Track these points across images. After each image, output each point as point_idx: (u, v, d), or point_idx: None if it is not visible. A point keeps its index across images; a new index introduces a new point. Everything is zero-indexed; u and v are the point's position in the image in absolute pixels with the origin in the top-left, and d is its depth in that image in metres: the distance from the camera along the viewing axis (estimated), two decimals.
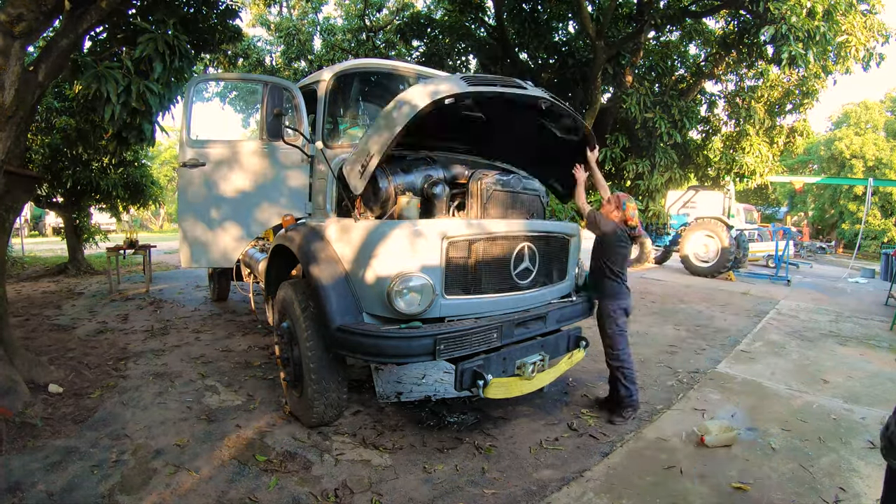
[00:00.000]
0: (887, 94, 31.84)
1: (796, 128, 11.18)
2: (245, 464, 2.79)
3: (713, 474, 2.84)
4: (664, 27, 9.23)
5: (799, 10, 6.29)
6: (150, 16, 3.92)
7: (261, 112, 3.30)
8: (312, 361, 2.97)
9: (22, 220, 14.93)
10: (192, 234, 3.97)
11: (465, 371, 2.77)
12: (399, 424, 3.37)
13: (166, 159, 36.52)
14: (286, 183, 3.77)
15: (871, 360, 5.29)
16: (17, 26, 2.95)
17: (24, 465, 2.68)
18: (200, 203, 3.93)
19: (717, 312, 7.68)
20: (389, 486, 2.63)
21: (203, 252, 4.00)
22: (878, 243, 25.67)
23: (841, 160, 29.03)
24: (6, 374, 3.30)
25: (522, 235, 3.19)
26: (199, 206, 3.94)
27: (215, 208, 3.92)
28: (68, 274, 9.36)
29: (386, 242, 2.81)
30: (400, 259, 2.77)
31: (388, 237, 2.81)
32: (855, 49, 8.16)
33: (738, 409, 3.80)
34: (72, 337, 5.12)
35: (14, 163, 3.58)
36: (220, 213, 3.92)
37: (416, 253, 2.79)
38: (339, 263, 2.98)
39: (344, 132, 4.41)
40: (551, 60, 10.02)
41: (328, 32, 15.72)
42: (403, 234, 2.80)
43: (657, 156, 8.48)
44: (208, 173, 3.90)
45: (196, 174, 3.90)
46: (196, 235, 3.97)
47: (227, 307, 6.90)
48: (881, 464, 3.00)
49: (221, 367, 4.38)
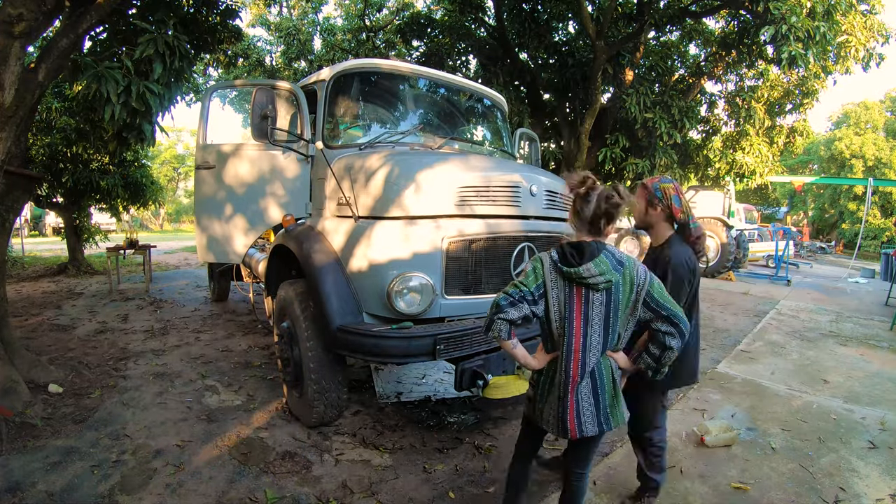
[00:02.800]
0: (887, 94, 31.85)
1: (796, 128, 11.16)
2: (245, 464, 2.79)
3: (713, 474, 2.84)
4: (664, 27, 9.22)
5: (799, 11, 6.28)
6: (150, 16, 3.92)
7: (250, 114, 3.33)
8: (312, 361, 2.97)
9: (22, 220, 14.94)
10: (204, 232, 4.23)
11: (465, 371, 2.77)
12: (399, 424, 3.37)
13: (166, 159, 36.57)
14: (288, 183, 3.79)
15: (871, 360, 5.29)
16: (17, 26, 2.94)
17: (24, 465, 2.68)
18: (209, 203, 4.15)
19: (717, 312, 7.68)
20: (389, 486, 2.64)
21: (212, 248, 4.25)
22: (878, 243, 25.67)
23: (841, 160, 29.04)
24: (6, 374, 3.30)
25: (522, 235, 3.19)
26: (208, 206, 4.17)
27: (222, 208, 4.09)
28: (68, 274, 9.36)
29: (386, 242, 2.81)
30: (400, 259, 2.77)
31: (388, 237, 2.81)
32: (855, 49, 8.15)
33: (738, 409, 3.80)
34: (72, 337, 5.12)
35: (14, 163, 3.57)
36: (226, 212, 4.10)
37: (416, 253, 2.79)
38: (339, 263, 2.98)
39: (344, 132, 4.41)
40: (551, 60, 10.01)
41: (328, 32, 15.70)
42: (403, 234, 2.80)
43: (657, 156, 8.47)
44: (218, 174, 4.09)
45: (208, 175, 4.12)
46: (207, 233, 4.22)
47: (227, 307, 6.90)
48: (881, 464, 3.01)
49: (221, 367, 4.38)
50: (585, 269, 1.72)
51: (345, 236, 3.01)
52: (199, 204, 4.23)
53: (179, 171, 39.24)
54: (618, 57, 8.90)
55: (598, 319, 1.78)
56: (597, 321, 1.78)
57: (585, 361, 1.80)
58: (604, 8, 9.05)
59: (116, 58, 3.71)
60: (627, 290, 1.77)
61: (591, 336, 1.79)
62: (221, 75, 14.01)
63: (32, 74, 3.22)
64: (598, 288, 1.75)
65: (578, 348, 1.79)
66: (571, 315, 1.78)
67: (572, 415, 1.82)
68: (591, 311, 1.77)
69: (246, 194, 3.97)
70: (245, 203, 3.99)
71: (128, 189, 8.96)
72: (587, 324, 1.78)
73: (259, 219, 3.95)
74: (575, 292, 1.77)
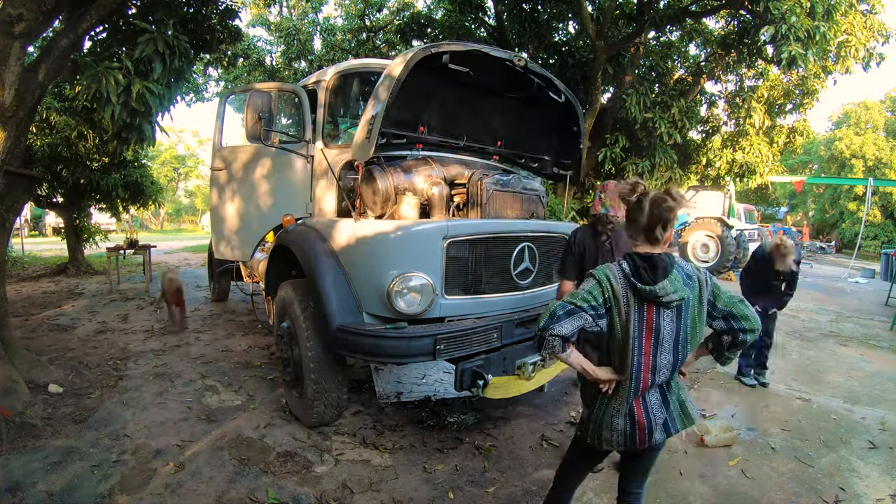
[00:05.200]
0: (887, 94, 31.84)
1: (796, 128, 11.16)
2: (245, 464, 2.79)
3: (713, 474, 2.84)
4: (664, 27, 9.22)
5: (799, 10, 6.28)
6: (150, 16, 3.92)
7: (245, 115, 3.34)
8: (312, 361, 2.96)
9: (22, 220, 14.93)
10: (217, 230, 4.64)
11: (465, 371, 2.77)
12: (399, 424, 3.37)
13: (166, 159, 36.54)
14: (290, 183, 3.80)
15: (871, 360, 5.29)
16: (17, 26, 2.94)
17: (24, 465, 2.68)
18: (220, 203, 4.52)
19: None
20: (389, 486, 2.63)
21: (222, 246, 4.62)
22: (878, 243, 25.68)
23: (841, 160, 29.03)
24: (6, 374, 3.30)
25: (522, 235, 3.19)
26: (218, 206, 4.53)
27: (230, 209, 4.40)
28: (68, 274, 9.36)
29: (386, 242, 2.81)
30: (400, 259, 2.77)
31: (388, 237, 2.81)
32: (855, 49, 8.16)
33: (738, 409, 3.80)
34: (72, 337, 5.12)
35: (14, 163, 3.57)
36: (234, 213, 4.39)
37: (416, 253, 2.79)
38: (339, 263, 2.98)
39: (344, 132, 4.42)
40: (551, 60, 10.01)
41: (328, 32, 15.70)
42: (403, 235, 2.80)
43: (657, 156, 8.47)
44: (228, 176, 4.38)
45: (220, 176, 4.45)
46: (219, 231, 4.61)
47: (227, 307, 6.90)
48: (881, 464, 3.01)
49: (221, 367, 4.38)
50: (661, 287, 1.61)
51: (345, 236, 3.01)
52: (213, 205, 4.60)
53: (179, 172, 39.24)
54: (618, 57, 8.90)
55: (668, 338, 1.67)
56: (667, 339, 1.67)
57: (654, 381, 1.69)
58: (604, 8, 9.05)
59: (116, 58, 3.71)
60: (696, 304, 1.68)
61: (661, 356, 1.67)
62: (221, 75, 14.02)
63: (32, 74, 3.22)
64: (670, 306, 1.65)
65: (648, 367, 1.67)
66: (641, 333, 1.66)
67: (643, 428, 1.71)
68: (662, 329, 1.66)
69: (252, 195, 4.13)
70: (251, 204, 4.15)
71: (128, 189, 8.96)
72: (658, 342, 1.67)
73: (262, 220, 4.05)
74: (646, 309, 1.66)
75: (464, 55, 3.04)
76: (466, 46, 3.03)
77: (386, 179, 3.13)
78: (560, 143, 4.08)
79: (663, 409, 1.74)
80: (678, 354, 1.69)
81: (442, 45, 2.94)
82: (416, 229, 2.83)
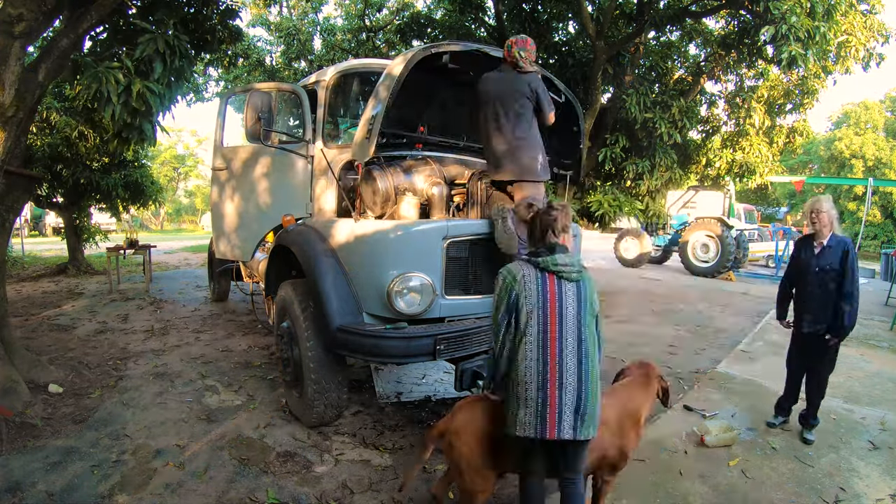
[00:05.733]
0: (887, 94, 31.83)
1: (796, 128, 11.15)
2: (245, 464, 2.79)
3: (713, 474, 2.84)
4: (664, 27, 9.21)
5: (799, 10, 6.27)
6: (150, 16, 3.92)
7: (245, 115, 3.34)
8: (312, 361, 2.97)
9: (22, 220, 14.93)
10: (217, 229, 4.64)
11: (465, 371, 2.77)
12: (399, 424, 3.37)
13: (166, 159, 36.52)
14: (290, 183, 3.80)
15: (871, 360, 5.28)
16: (17, 26, 2.95)
17: (24, 465, 2.69)
18: (220, 202, 4.53)
19: (716, 312, 7.68)
20: (389, 486, 2.63)
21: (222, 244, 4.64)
22: (878, 243, 25.68)
23: (841, 160, 29.03)
24: (6, 374, 3.30)
25: None
26: (219, 205, 4.55)
27: (231, 208, 4.41)
28: (68, 274, 9.36)
29: (386, 242, 2.81)
30: (400, 259, 2.77)
31: (388, 237, 2.81)
32: (855, 49, 8.15)
33: (738, 409, 3.80)
34: (72, 337, 5.12)
35: (14, 163, 3.58)
36: (234, 212, 4.41)
37: (416, 253, 2.79)
38: (339, 263, 2.98)
39: (344, 132, 4.41)
40: (551, 60, 10.00)
41: (328, 32, 15.69)
42: (403, 235, 2.80)
43: (657, 156, 8.45)
44: (229, 175, 4.39)
45: (220, 176, 4.48)
46: (219, 230, 4.62)
47: (227, 307, 6.90)
48: (881, 464, 3.01)
49: (221, 367, 4.38)
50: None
51: (345, 236, 3.01)
52: (215, 205, 4.61)
53: (179, 171, 39.22)
54: (618, 57, 8.90)
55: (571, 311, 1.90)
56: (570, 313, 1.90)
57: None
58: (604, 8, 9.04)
59: (116, 58, 3.71)
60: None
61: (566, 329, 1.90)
62: (221, 75, 14.01)
63: (32, 74, 3.23)
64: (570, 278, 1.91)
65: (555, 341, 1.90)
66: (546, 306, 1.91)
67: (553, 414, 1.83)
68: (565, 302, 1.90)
69: (252, 195, 4.14)
70: (251, 204, 4.15)
71: (128, 189, 8.96)
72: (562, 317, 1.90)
73: (262, 220, 4.07)
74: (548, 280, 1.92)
75: (464, 55, 3.05)
76: (466, 46, 3.04)
77: (386, 179, 3.13)
78: (560, 143, 4.08)
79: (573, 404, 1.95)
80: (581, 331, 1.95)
81: (442, 45, 2.94)
82: (416, 229, 2.83)
